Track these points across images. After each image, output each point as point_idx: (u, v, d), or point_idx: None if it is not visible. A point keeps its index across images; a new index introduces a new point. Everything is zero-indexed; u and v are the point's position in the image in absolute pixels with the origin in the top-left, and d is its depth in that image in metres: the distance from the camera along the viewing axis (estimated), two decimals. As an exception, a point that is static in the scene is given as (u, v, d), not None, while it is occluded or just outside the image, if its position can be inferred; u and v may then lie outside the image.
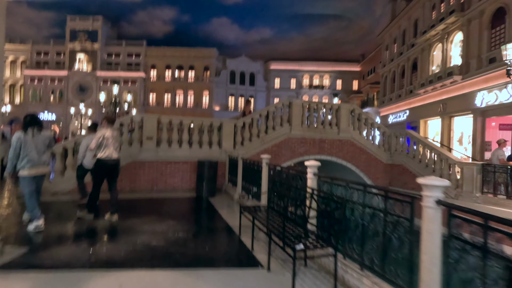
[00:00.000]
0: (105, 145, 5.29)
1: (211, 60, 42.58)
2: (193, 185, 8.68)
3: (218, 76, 42.65)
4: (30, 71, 41.00)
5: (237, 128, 9.31)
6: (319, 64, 46.49)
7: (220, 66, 43.59)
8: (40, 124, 4.78)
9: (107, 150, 5.30)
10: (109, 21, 43.40)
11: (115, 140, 5.49)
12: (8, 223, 5.10)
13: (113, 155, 5.38)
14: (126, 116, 8.24)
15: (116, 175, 5.62)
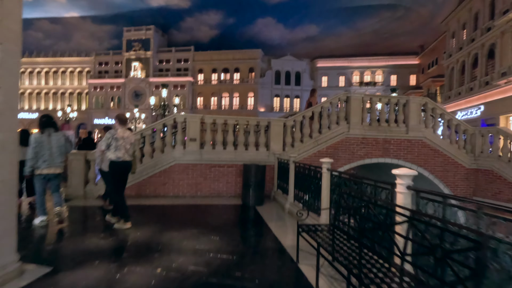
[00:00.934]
0: (115, 147, 4.87)
1: (256, 61, 42.22)
2: (238, 190, 7.92)
3: (263, 77, 42.10)
4: (93, 80, 44.76)
5: (287, 127, 8.32)
6: (370, 59, 43.35)
7: (265, 67, 43.01)
8: (55, 125, 4.99)
9: (118, 152, 4.88)
10: (160, 30, 45.55)
11: (127, 141, 5.00)
12: (32, 236, 4.76)
13: (125, 157, 4.95)
14: (169, 116, 7.75)
15: (126, 178, 5.19)
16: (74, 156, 7.31)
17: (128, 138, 5.04)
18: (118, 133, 4.92)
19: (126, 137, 4.99)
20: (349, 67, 43.54)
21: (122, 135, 4.95)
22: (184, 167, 7.79)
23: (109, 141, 4.87)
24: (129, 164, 5.09)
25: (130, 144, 5.07)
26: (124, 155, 4.94)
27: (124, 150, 4.93)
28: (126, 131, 5.09)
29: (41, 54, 46.54)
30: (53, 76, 46.53)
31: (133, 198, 7.45)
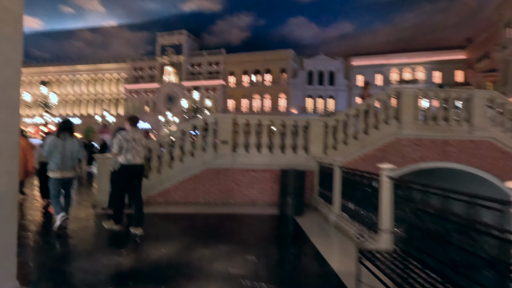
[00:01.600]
0: (126, 149, 4.64)
1: (287, 61, 41.32)
2: (274, 198, 7.15)
3: (295, 78, 41.07)
4: (129, 85, 46.57)
5: (328, 128, 7.42)
6: (410, 56, 40.58)
7: (296, 67, 41.95)
8: (71, 130, 5.03)
9: (129, 154, 4.64)
10: (192, 34, 46.33)
11: (138, 143, 4.79)
12: (44, 250, 4.33)
13: (136, 159, 4.72)
14: (199, 118, 7.20)
15: (139, 183, 4.93)
16: (102, 160, 7.00)
17: (139, 140, 4.84)
18: (129, 135, 4.72)
19: (137, 139, 4.79)
20: (387, 65, 41.13)
21: (133, 137, 4.74)
22: (215, 172, 7.19)
23: (121, 143, 4.64)
24: (140, 167, 4.85)
25: (141, 146, 4.85)
26: (135, 158, 4.71)
27: (134, 152, 4.70)
28: (137, 133, 4.88)
29: (82, 62, 49.37)
30: (92, 83, 49.13)
31: (162, 205, 6.99)
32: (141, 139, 4.89)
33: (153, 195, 7.08)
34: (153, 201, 7.08)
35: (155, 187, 7.06)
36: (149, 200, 7.08)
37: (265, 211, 6.63)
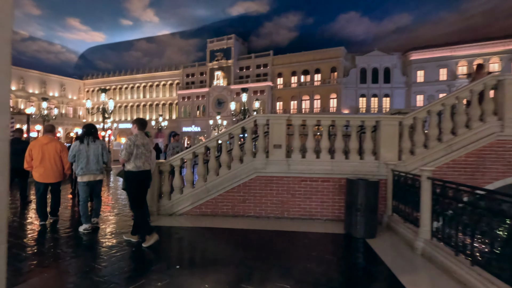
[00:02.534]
0: (135, 155, 4.39)
1: (338, 60, 39.16)
2: (337, 212, 6.02)
3: (346, 76, 38.74)
4: (181, 91, 48.50)
5: (404, 127, 6.06)
6: (482, 46, 35.59)
7: (348, 65, 39.55)
8: (94, 134, 5.21)
9: (138, 161, 4.41)
10: (240, 38, 46.63)
11: (147, 148, 4.58)
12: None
13: (145, 166, 4.51)
14: (248, 118, 6.39)
15: (145, 190, 4.71)
16: (148, 166, 6.56)
17: (148, 145, 4.63)
18: (139, 140, 4.47)
19: (146, 144, 4.56)
20: (453, 57, 36.67)
21: (142, 142, 4.51)
22: (267, 181, 6.30)
23: (131, 149, 4.37)
24: (148, 173, 4.64)
25: (150, 151, 4.67)
26: (144, 164, 4.50)
27: (144, 158, 4.49)
28: (145, 137, 4.65)
29: (139, 71, 52.84)
30: (149, 90, 52.25)
31: (208, 217, 6.31)
32: (149, 144, 4.68)
33: (199, 205, 6.45)
34: (199, 211, 6.44)
35: (201, 196, 6.41)
36: (194, 211, 6.46)
37: (326, 229, 5.54)
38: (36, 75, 50.14)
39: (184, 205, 6.45)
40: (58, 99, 52.67)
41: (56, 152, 5.47)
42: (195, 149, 6.53)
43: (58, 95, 52.90)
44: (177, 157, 6.52)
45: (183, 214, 6.46)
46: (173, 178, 6.65)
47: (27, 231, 5.16)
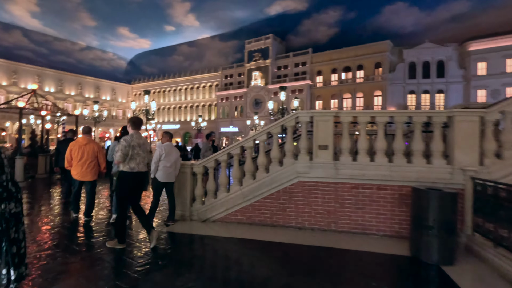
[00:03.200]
0: (130, 156, 4.21)
1: (383, 54, 36.58)
2: (397, 227, 5.00)
3: (392, 72, 36.00)
4: (220, 92, 49.09)
5: (487, 125, 4.83)
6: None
7: (395, 60, 36.76)
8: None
9: (132, 162, 4.23)
10: (278, 37, 45.88)
11: (143, 148, 4.37)
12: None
13: (140, 167, 4.30)
14: (289, 116, 5.61)
15: (140, 193, 4.57)
16: (180, 167, 6.09)
17: (144, 145, 4.41)
18: (134, 140, 4.26)
19: (142, 144, 4.35)
20: (522, 46, 32.19)
21: (138, 142, 4.30)
22: (311, 187, 5.46)
23: (126, 150, 4.16)
24: (144, 175, 4.42)
25: (146, 151, 4.44)
26: (139, 165, 4.29)
27: (139, 159, 4.29)
28: (141, 137, 4.44)
29: (181, 74, 54.60)
30: (189, 92, 53.74)
31: (245, 225, 5.64)
32: (146, 144, 4.45)
33: (234, 212, 5.82)
34: (234, 218, 5.80)
35: (236, 202, 5.77)
36: (229, 218, 5.84)
37: (385, 248, 4.55)
38: (91, 81, 54.24)
39: (218, 211, 5.86)
40: (110, 103, 56.42)
41: (93, 153, 5.81)
42: (230, 149, 5.91)
43: (110, 99, 56.68)
44: (211, 159, 5.95)
45: (217, 220, 5.88)
46: (208, 180, 6.11)
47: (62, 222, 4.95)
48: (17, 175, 9.62)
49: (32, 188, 9.83)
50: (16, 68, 44.44)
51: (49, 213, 6.62)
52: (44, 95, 45.50)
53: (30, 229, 5.25)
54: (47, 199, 8.39)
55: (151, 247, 4.27)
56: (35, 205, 7.43)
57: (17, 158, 9.71)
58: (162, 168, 5.44)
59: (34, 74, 46.49)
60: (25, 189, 9.42)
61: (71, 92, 51.02)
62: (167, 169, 5.46)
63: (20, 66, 45.24)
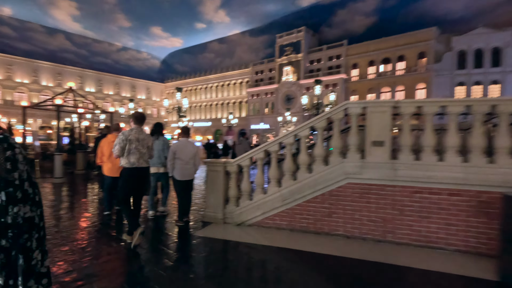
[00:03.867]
0: (128, 150, 4.16)
1: (428, 43, 33.77)
2: (473, 241, 4.08)
3: (438, 62, 33.12)
4: (251, 89, 48.66)
5: None
6: None
7: (441, 49, 33.77)
8: (160, 132, 5.82)
9: (132, 157, 4.17)
10: (310, 30, 44.32)
11: (144, 144, 4.30)
12: None
13: (140, 162, 4.23)
14: (337, 107, 4.85)
15: (141, 189, 4.40)
16: (212, 166, 5.58)
17: (145, 140, 4.34)
18: (133, 134, 4.20)
19: (142, 139, 4.28)
20: None
21: (137, 137, 4.24)
22: (362, 190, 4.67)
23: (124, 144, 4.13)
24: (144, 170, 4.37)
25: (147, 147, 4.35)
26: (139, 161, 4.23)
27: (138, 154, 4.22)
28: (142, 132, 4.38)
29: (212, 72, 55.00)
30: (220, 89, 53.99)
31: (284, 231, 5.00)
32: (147, 140, 4.37)
33: (272, 215, 5.19)
34: (272, 223, 5.18)
35: (275, 205, 5.14)
36: (267, 222, 5.23)
37: (460, 269, 3.66)
38: (128, 80, 56.50)
39: (254, 214, 5.27)
40: (145, 101, 58.46)
41: None
42: (268, 146, 5.28)
43: (145, 97, 58.71)
44: (246, 156, 5.36)
45: (253, 224, 5.29)
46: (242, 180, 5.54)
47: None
48: (56, 171, 9.79)
49: (71, 183, 10.00)
50: (61, 70, 47.38)
51: (83, 207, 6.55)
52: (85, 95, 48.12)
53: (67, 221, 5.35)
54: (82, 193, 8.41)
55: (132, 245, 4.05)
56: (72, 198, 7.45)
57: (56, 154, 9.88)
58: (179, 166, 5.21)
59: (76, 75, 49.29)
60: (65, 184, 9.57)
61: (109, 91, 53.46)
62: (183, 166, 5.20)
63: (64, 68, 48.19)
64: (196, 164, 5.39)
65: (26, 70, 43.84)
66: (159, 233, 5.04)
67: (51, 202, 7.06)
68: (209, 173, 5.61)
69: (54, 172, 9.79)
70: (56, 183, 9.63)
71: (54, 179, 9.79)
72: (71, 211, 6.42)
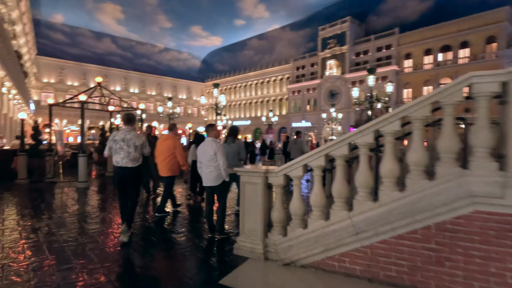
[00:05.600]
0: (114, 150, 4.30)
1: (499, 26, 28.96)
2: None
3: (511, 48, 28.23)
4: (292, 85, 46.58)
5: None
6: None
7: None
8: (235, 135, 5.96)
9: (117, 156, 4.29)
10: (356, 20, 40.96)
11: (130, 143, 4.27)
12: None
13: (124, 162, 4.27)
14: (451, 83, 2.88)
15: (130, 190, 4.39)
16: (247, 176, 3.96)
17: (131, 140, 4.30)
18: (118, 135, 4.32)
19: (128, 139, 4.29)
20: None
21: (123, 137, 4.29)
22: (505, 225, 2.68)
23: (110, 143, 4.33)
24: (129, 171, 4.29)
25: (134, 147, 4.30)
26: (123, 160, 4.26)
27: (123, 154, 4.26)
28: (130, 132, 4.35)
29: (251, 69, 53.85)
30: (260, 87, 52.64)
31: (360, 281, 3.19)
32: (134, 140, 4.31)
33: (339, 254, 3.40)
34: (339, 266, 3.39)
35: (342, 238, 3.35)
36: (330, 264, 3.45)
37: None
38: (169, 81, 57.74)
39: (311, 250, 3.53)
40: (185, 101, 59.32)
41: (168, 149, 5.87)
42: (330, 148, 3.50)
43: (186, 97, 59.57)
44: (296, 163, 3.63)
45: (309, 266, 3.56)
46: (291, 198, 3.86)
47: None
48: (80, 174, 8.92)
49: (98, 186, 9.10)
50: (107, 73, 49.64)
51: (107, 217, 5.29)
52: (129, 96, 49.94)
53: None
54: (103, 200, 7.32)
55: (120, 240, 4.23)
56: (104, 203, 6.34)
57: (79, 156, 9.02)
58: (200, 171, 4.71)
59: (121, 77, 51.36)
60: (88, 189, 8.66)
61: (152, 92, 54.95)
62: (203, 171, 4.65)
63: (110, 70, 50.45)
64: (219, 167, 4.66)
65: (76, 73, 46.57)
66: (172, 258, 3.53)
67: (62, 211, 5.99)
68: (244, 186, 3.99)
69: (78, 175, 8.93)
70: (80, 187, 8.76)
71: (78, 183, 8.93)
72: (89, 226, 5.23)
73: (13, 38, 21.30)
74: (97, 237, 4.54)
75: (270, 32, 58.48)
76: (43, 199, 7.38)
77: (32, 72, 39.01)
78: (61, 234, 4.68)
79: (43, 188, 8.84)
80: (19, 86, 20.69)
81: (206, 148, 4.50)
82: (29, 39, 33.09)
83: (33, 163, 9.87)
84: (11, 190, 8.45)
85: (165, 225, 5.37)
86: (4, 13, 16.76)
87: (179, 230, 5.05)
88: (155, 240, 4.54)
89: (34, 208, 6.41)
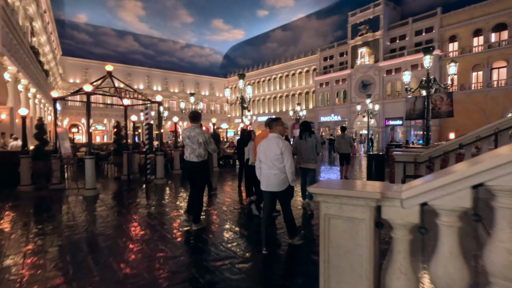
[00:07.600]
0: (185, 146, 4.83)
1: None
2: None
3: None
4: (319, 77, 43.83)
5: None
6: None
7: None
8: (309, 130, 5.95)
9: (186, 151, 4.84)
10: (391, 2, 37.44)
11: (194, 140, 4.72)
12: None
13: (190, 157, 4.77)
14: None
15: (194, 180, 4.85)
16: (338, 204, 1.97)
17: (195, 137, 4.72)
18: (185, 132, 4.82)
19: (192, 136, 4.74)
20: None
21: (188, 134, 4.78)
22: None
23: (183, 140, 4.89)
24: (195, 165, 4.75)
25: (197, 143, 4.71)
26: (190, 155, 4.77)
27: (190, 149, 4.76)
28: (194, 130, 4.78)
29: (275, 62, 51.58)
30: (285, 80, 50.27)
31: None
32: (197, 136, 4.72)
33: None
34: None
35: None
36: None
37: None
38: (192, 77, 56.84)
39: None
40: (208, 97, 58.23)
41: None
42: None
43: (208, 94, 58.47)
44: (457, 181, 1.58)
45: None
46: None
47: None
48: (88, 180, 7.37)
49: (109, 193, 7.51)
50: (130, 71, 49.40)
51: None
52: (152, 94, 49.46)
53: None
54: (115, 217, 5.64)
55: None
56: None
57: (86, 159, 7.46)
58: (258, 172, 4.10)
59: (144, 75, 50.97)
60: (97, 198, 7.08)
61: (175, 89, 54.24)
62: (263, 173, 3.98)
63: (133, 68, 50.17)
64: (284, 170, 3.99)
65: (100, 73, 46.43)
66: None
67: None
68: (328, 223, 2.03)
69: (85, 181, 7.39)
70: (87, 196, 7.22)
71: (85, 190, 7.39)
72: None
73: (32, 35, 20.62)
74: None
75: (294, 22, 55.78)
76: (38, 216, 5.84)
77: (58, 73, 39.26)
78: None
79: (46, 197, 7.42)
80: (38, 84, 19.94)
81: (270, 146, 3.90)
82: (52, 39, 32.93)
83: (37, 166, 8.51)
84: (8, 200, 7.06)
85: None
86: (18, 7, 15.82)
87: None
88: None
89: (22, 232, 4.83)
